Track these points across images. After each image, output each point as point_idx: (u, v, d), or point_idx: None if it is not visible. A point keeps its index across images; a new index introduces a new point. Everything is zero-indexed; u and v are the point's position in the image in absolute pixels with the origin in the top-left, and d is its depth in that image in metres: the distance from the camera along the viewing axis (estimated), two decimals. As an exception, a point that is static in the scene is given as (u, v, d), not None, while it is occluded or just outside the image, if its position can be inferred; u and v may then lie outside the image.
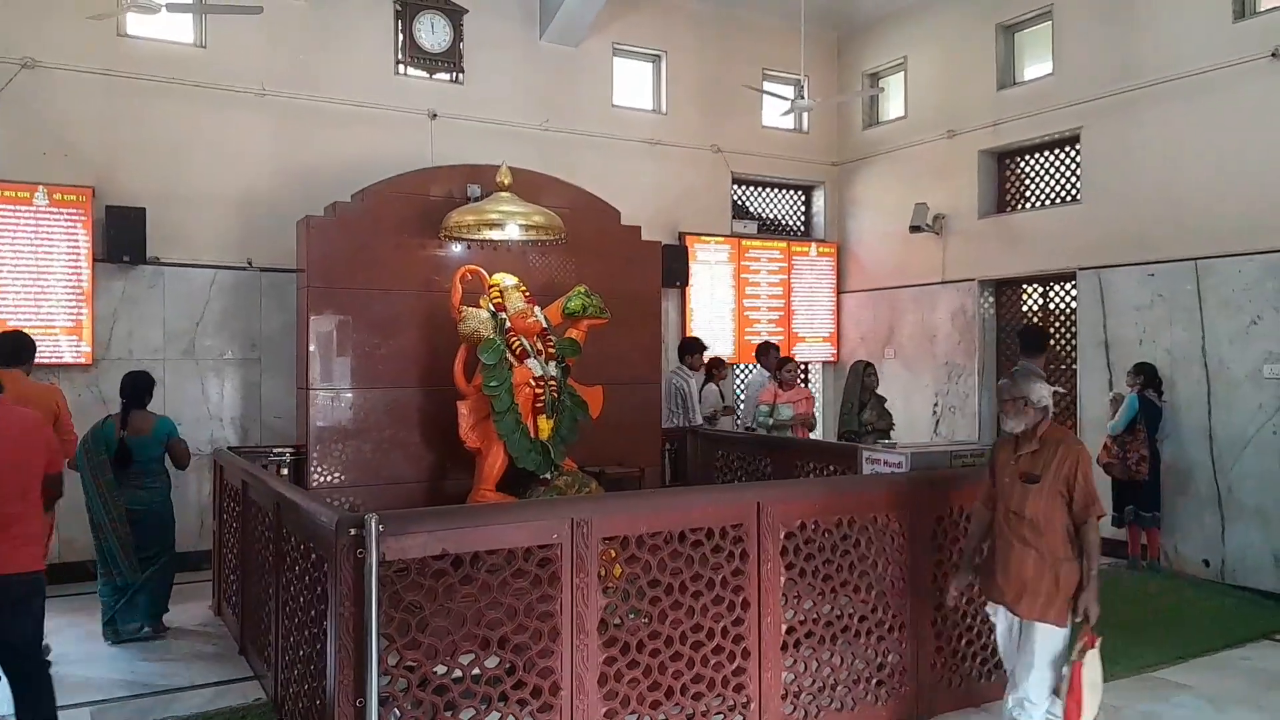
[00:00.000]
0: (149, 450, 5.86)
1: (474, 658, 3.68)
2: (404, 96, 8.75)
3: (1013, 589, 3.92)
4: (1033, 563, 3.88)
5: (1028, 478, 3.92)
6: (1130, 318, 8.09)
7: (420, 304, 6.91)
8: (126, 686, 5.05)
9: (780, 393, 7.98)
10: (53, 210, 7.33)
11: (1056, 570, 3.84)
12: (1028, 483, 3.92)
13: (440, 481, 6.89)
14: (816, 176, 11.29)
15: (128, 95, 7.67)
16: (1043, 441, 3.97)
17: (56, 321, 7.35)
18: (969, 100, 9.67)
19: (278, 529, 4.58)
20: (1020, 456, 3.99)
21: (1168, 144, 7.85)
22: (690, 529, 4.11)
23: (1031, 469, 3.93)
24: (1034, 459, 3.95)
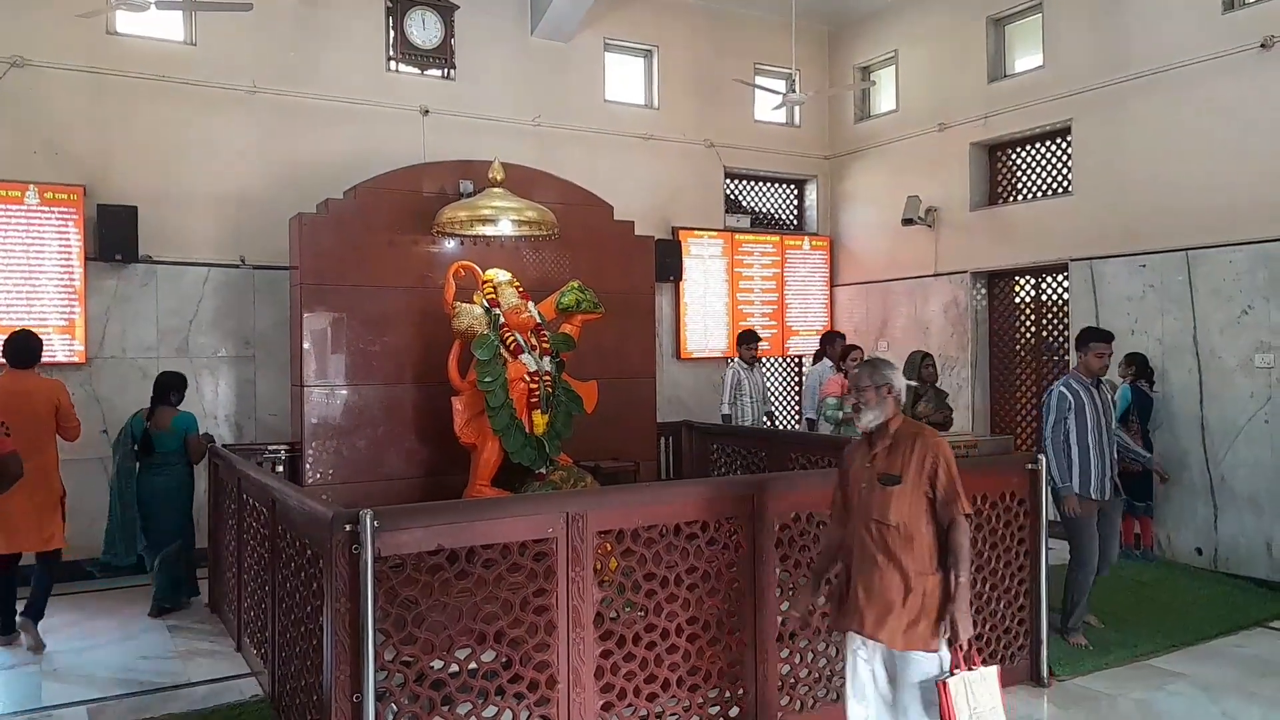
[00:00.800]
0: (167, 443, 6.45)
1: (470, 652, 3.69)
2: (395, 93, 8.73)
3: (874, 612, 3.38)
4: (898, 580, 3.37)
5: (886, 479, 3.43)
6: (1122, 308, 8.12)
7: (414, 300, 6.91)
8: (123, 684, 5.05)
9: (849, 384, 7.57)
10: (44, 209, 7.31)
11: (923, 586, 3.35)
12: (886, 484, 3.43)
13: (436, 477, 6.89)
14: (809, 170, 11.30)
15: (118, 94, 7.65)
16: (896, 438, 3.50)
17: (49, 321, 7.33)
18: (960, 93, 9.69)
19: (273, 526, 4.58)
20: (875, 456, 3.51)
21: (1158, 135, 7.88)
22: (685, 522, 4.13)
23: (889, 469, 3.45)
24: (889, 458, 3.47)
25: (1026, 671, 5.02)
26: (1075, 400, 5.54)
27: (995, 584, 4.93)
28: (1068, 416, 5.54)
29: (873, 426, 3.52)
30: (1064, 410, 5.55)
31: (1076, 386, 5.60)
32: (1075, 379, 5.64)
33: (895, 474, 3.43)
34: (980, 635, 4.87)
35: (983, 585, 4.89)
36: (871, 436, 3.55)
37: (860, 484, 3.54)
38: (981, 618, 4.88)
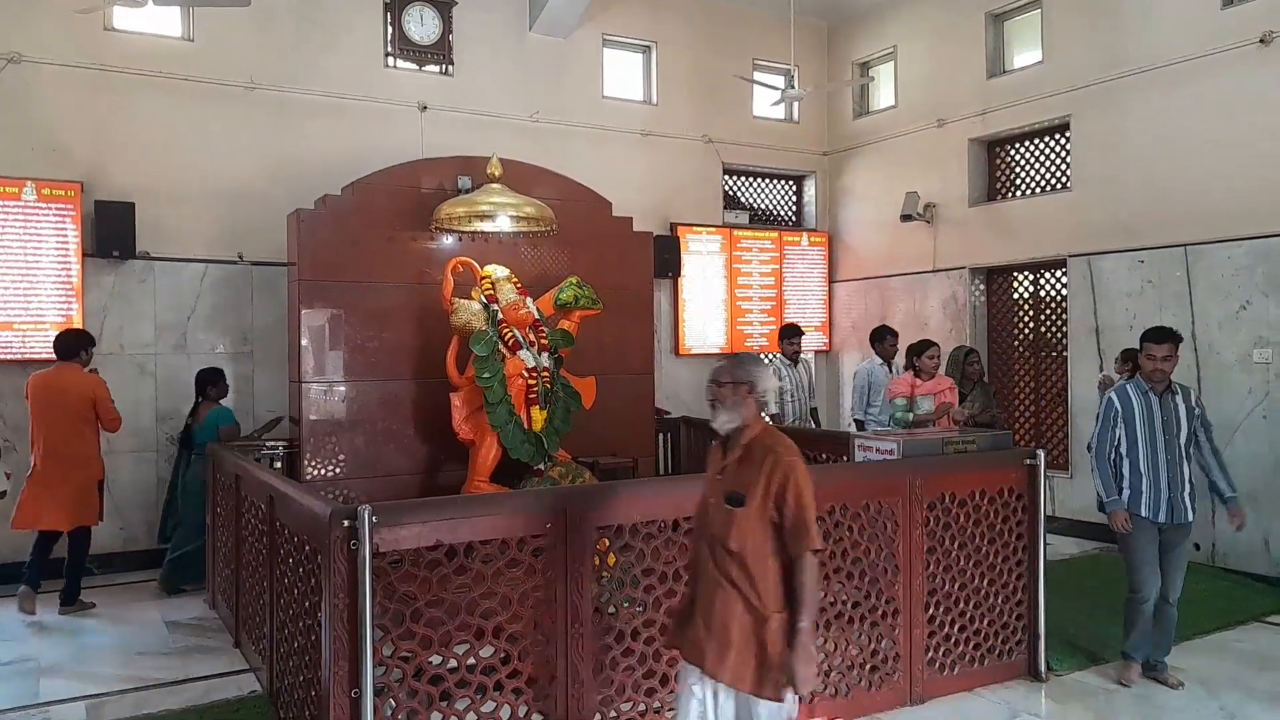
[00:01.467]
0: (202, 436, 6.98)
1: (469, 647, 3.69)
2: (394, 89, 8.72)
3: (714, 647, 2.97)
4: (739, 614, 2.96)
5: (731, 497, 3.03)
6: (1120, 304, 8.12)
7: (412, 296, 6.90)
8: (122, 680, 5.05)
9: (918, 383, 6.61)
10: (41, 205, 7.30)
11: (769, 626, 2.94)
12: (730, 504, 3.02)
13: (434, 473, 6.89)
14: (807, 166, 11.30)
15: (115, 90, 7.64)
16: (748, 449, 3.08)
17: (47, 317, 7.32)
18: (959, 89, 9.68)
19: (271, 522, 4.58)
20: (725, 468, 3.12)
21: (1157, 131, 7.88)
22: (684, 517, 4.12)
23: (735, 486, 3.04)
24: (739, 472, 3.06)
25: (1024, 666, 5.03)
26: (1126, 408, 4.92)
27: (993, 579, 4.94)
28: (1115, 426, 4.94)
29: (727, 430, 3.14)
30: (1111, 418, 4.96)
31: (1132, 393, 4.95)
32: (1135, 385, 4.99)
33: (740, 493, 3.01)
34: (978, 631, 4.89)
35: (981, 581, 4.90)
36: (727, 443, 3.17)
37: (709, 496, 3.15)
38: (980, 613, 4.89)
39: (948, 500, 4.80)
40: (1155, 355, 4.85)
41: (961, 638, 4.85)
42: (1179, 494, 4.82)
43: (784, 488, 2.95)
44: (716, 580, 3.03)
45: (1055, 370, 9.10)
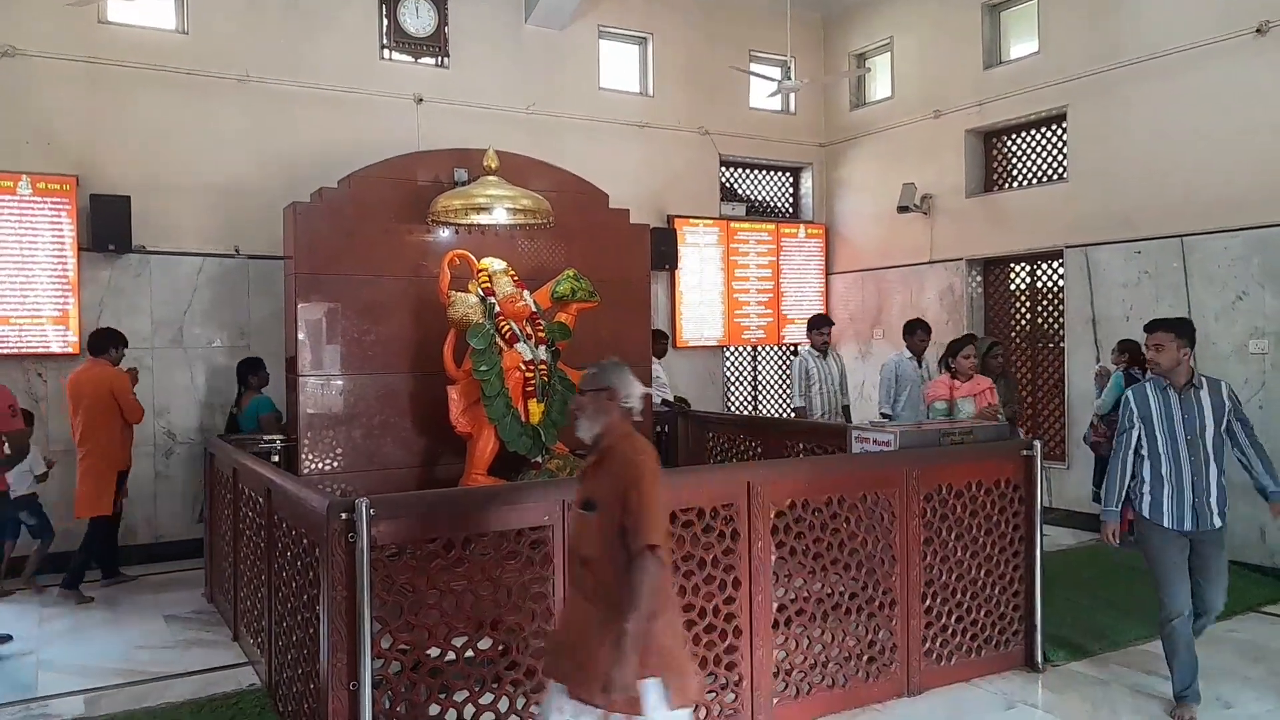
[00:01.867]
0: (246, 424, 7.33)
1: (467, 640, 3.70)
2: (389, 81, 8.70)
3: (572, 662, 2.88)
4: (594, 624, 2.85)
5: (585, 504, 3.00)
6: (1117, 295, 8.13)
7: (409, 289, 6.89)
8: (120, 674, 5.05)
9: (957, 384, 6.17)
10: (36, 199, 7.28)
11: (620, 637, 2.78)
12: (584, 509, 2.99)
13: (432, 467, 6.89)
14: (804, 158, 11.28)
15: (109, 83, 7.61)
16: (605, 455, 3.01)
17: (43, 311, 7.31)
18: (955, 80, 9.67)
19: (269, 515, 4.58)
20: (584, 474, 3.09)
21: (1153, 121, 7.88)
22: (681, 509, 4.13)
23: (590, 492, 3.00)
24: (594, 478, 3.01)
25: (1021, 657, 5.05)
26: (1143, 407, 4.47)
27: (990, 570, 4.95)
28: (1132, 428, 4.50)
29: (590, 439, 3.06)
30: (1127, 419, 4.53)
31: (1150, 390, 4.48)
32: (1154, 381, 4.51)
33: (593, 499, 2.95)
34: (975, 622, 4.90)
35: (977, 572, 4.91)
36: (589, 451, 3.11)
37: (574, 505, 3.08)
38: (976, 603, 4.91)
39: (944, 491, 4.81)
40: (1148, 345, 4.49)
41: (958, 628, 4.87)
42: (1204, 499, 4.36)
43: (628, 488, 2.85)
44: (575, 591, 3.00)
45: (1052, 361, 9.12)
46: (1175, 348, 4.37)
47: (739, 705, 4.22)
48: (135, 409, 6.91)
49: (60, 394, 7.07)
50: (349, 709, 3.41)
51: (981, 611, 4.93)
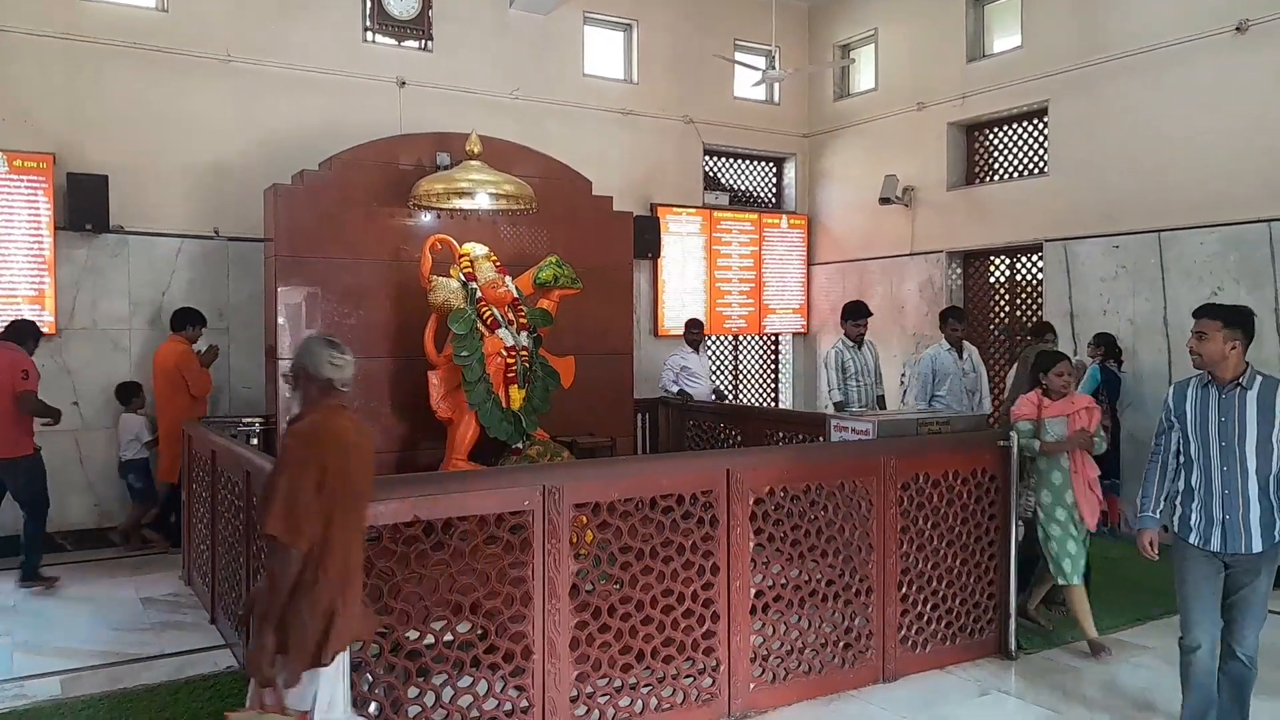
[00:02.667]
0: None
1: (446, 623, 3.71)
2: (372, 64, 8.64)
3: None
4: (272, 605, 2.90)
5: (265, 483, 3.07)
6: (1095, 289, 8.21)
7: (390, 273, 6.87)
8: (97, 656, 5.03)
9: (1047, 403, 5.26)
10: (12, 177, 7.19)
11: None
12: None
13: (412, 452, 6.88)
14: (787, 148, 11.30)
15: (88, 61, 7.52)
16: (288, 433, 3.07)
17: (18, 290, 7.23)
18: (939, 72, 9.71)
19: (248, 498, 4.57)
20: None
21: (1134, 116, 7.95)
22: (661, 495, 4.15)
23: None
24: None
25: (994, 645, 5.11)
26: (1178, 405, 3.87)
27: (965, 559, 5.01)
28: (1171, 429, 3.90)
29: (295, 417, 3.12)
30: (1165, 417, 3.94)
31: (1191, 387, 3.88)
32: (1199, 376, 3.89)
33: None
34: (950, 610, 4.96)
35: (953, 560, 4.96)
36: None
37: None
38: (952, 592, 4.96)
39: (922, 480, 4.85)
40: (1191, 333, 3.86)
41: (934, 616, 4.92)
42: (1237, 515, 3.69)
43: (272, 470, 2.87)
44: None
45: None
46: (1221, 339, 3.73)
47: (716, 690, 4.25)
48: (200, 383, 7.32)
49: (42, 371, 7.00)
50: (327, 691, 3.41)
51: (956, 600, 4.98)
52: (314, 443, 2.93)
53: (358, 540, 3.11)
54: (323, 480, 2.88)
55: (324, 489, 2.88)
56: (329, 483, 2.89)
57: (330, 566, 2.91)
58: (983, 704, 4.51)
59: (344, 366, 3.06)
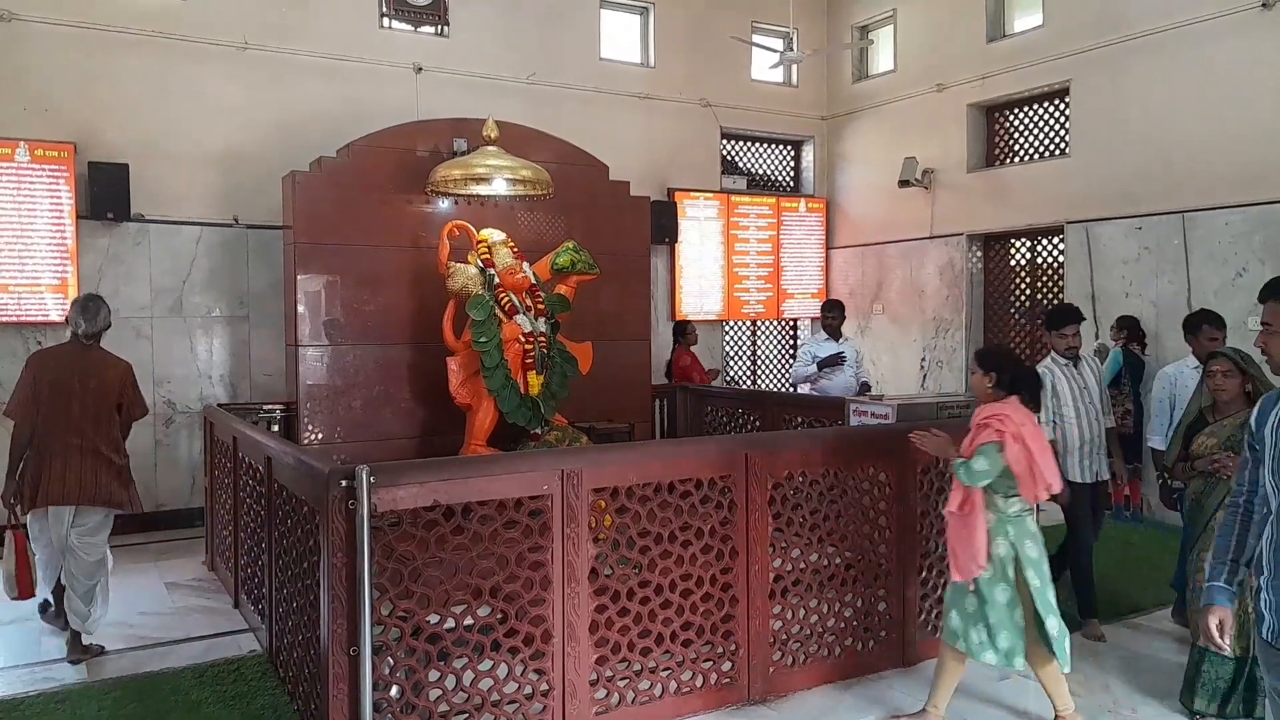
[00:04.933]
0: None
1: (466, 607, 3.73)
2: (388, 50, 8.64)
3: None
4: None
5: None
6: (1117, 271, 8.13)
7: (408, 260, 6.89)
8: (122, 639, 5.09)
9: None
10: (34, 167, 7.24)
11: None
12: None
13: (431, 437, 6.91)
14: (805, 131, 11.23)
15: (107, 49, 7.55)
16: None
17: (42, 279, 7.30)
18: (958, 53, 9.61)
19: (269, 483, 4.60)
20: None
21: (1157, 96, 7.84)
22: (679, 480, 4.15)
23: None
24: None
25: (1015, 628, 5.08)
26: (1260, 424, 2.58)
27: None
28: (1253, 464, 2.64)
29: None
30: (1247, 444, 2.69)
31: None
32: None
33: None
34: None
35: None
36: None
37: None
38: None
39: (940, 464, 4.82)
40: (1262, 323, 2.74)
41: (953, 600, 4.89)
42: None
43: None
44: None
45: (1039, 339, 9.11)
46: None
47: (735, 674, 4.26)
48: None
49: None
50: (349, 674, 3.44)
51: (976, 584, 4.96)
52: (31, 362, 4.97)
53: (60, 426, 4.80)
54: (32, 383, 4.82)
55: (34, 389, 4.80)
56: (38, 386, 4.81)
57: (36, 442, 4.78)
58: (1003, 688, 4.49)
59: (76, 325, 4.96)
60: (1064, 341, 5.19)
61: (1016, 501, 3.83)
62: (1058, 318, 5.24)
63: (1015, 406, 3.86)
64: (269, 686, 4.42)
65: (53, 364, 4.91)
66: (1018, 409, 3.85)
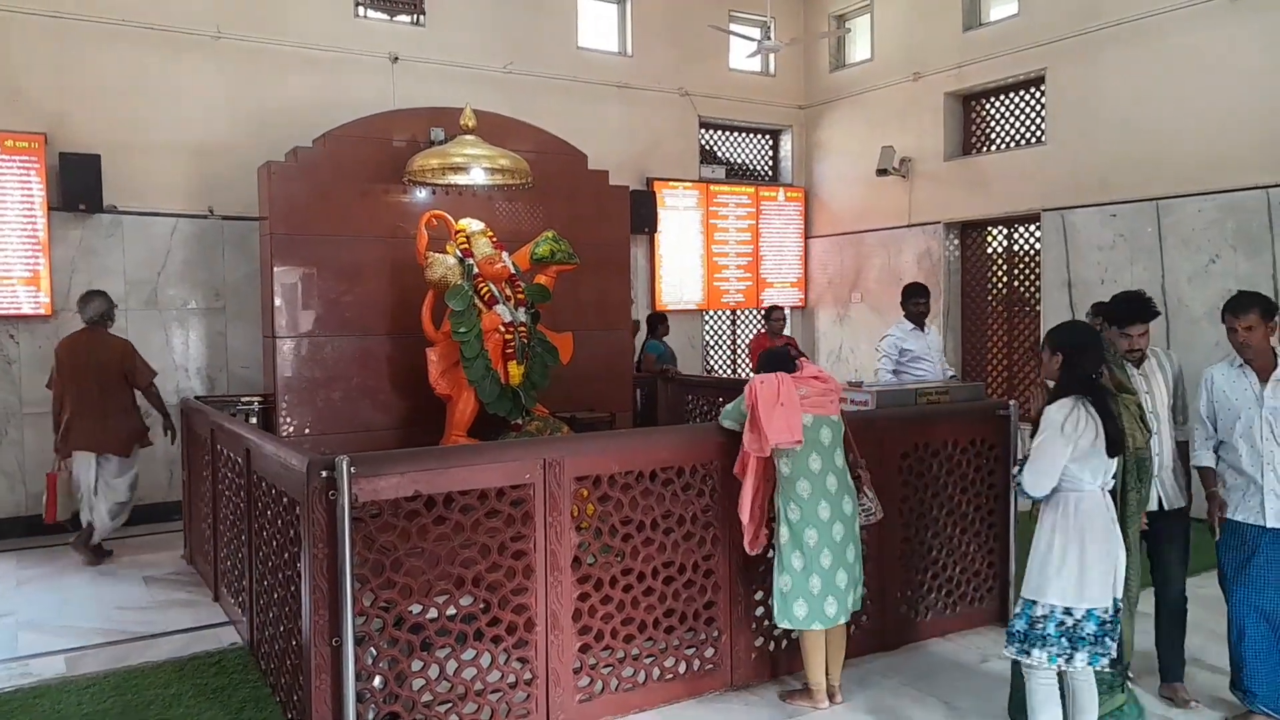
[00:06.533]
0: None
1: (449, 596, 3.72)
2: (364, 39, 8.57)
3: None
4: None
5: None
6: (1093, 258, 8.20)
7: (385, 250, 6.84)
8: (101, 634, 5.06)
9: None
10: (4, 158, 7.14)
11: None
12: None
13: (411, 428, 6.88)
14: (784, 120, 11.24)
15: (78, 38, 7.45)
16: None
17: (14, 272, 7.21)
18: (935, 42, 9.64)
19: (249, 475, 4.57)
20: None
21: (1131, 84, 7.90)
22: (661, 468, 4.16)
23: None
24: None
25: (995, 613, 5.14)
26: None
27: (965, 527, 5.03)
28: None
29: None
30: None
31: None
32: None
33: None
34: (950, 578, 4.99)
35: (953, 529, 4.98)
36: None
37: None
38: (952, 560, 4.99)
39: (921, 450, 4.86)
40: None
41: (934, 585, 4.94)
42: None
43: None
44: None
45: (1028, 324, 9.20)
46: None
47: (718, 659, 4.29)
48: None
49: (34, 355, 7.00)
50: (331, 665, 3.43)
51: (957, 569, 5.01)
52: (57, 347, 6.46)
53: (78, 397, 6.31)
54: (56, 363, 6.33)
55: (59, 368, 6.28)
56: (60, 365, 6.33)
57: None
58: (984, 671, 4.54)
59: (79, 313, 6.45)
60: (1126, 342, 4.17)
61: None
62: (1125, 313, 4.20)
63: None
64: (250, 679, 4.40)
65: (68, 346, 6.49)
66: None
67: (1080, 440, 3.32)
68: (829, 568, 3.99)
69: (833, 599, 4.00)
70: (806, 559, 3.98)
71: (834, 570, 4.00)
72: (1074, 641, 3.34)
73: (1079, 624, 3.32)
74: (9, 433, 7.27)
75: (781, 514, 4.05)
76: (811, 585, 3.98)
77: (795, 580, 3.99)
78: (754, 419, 3.98)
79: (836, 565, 4.01)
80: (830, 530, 4.01)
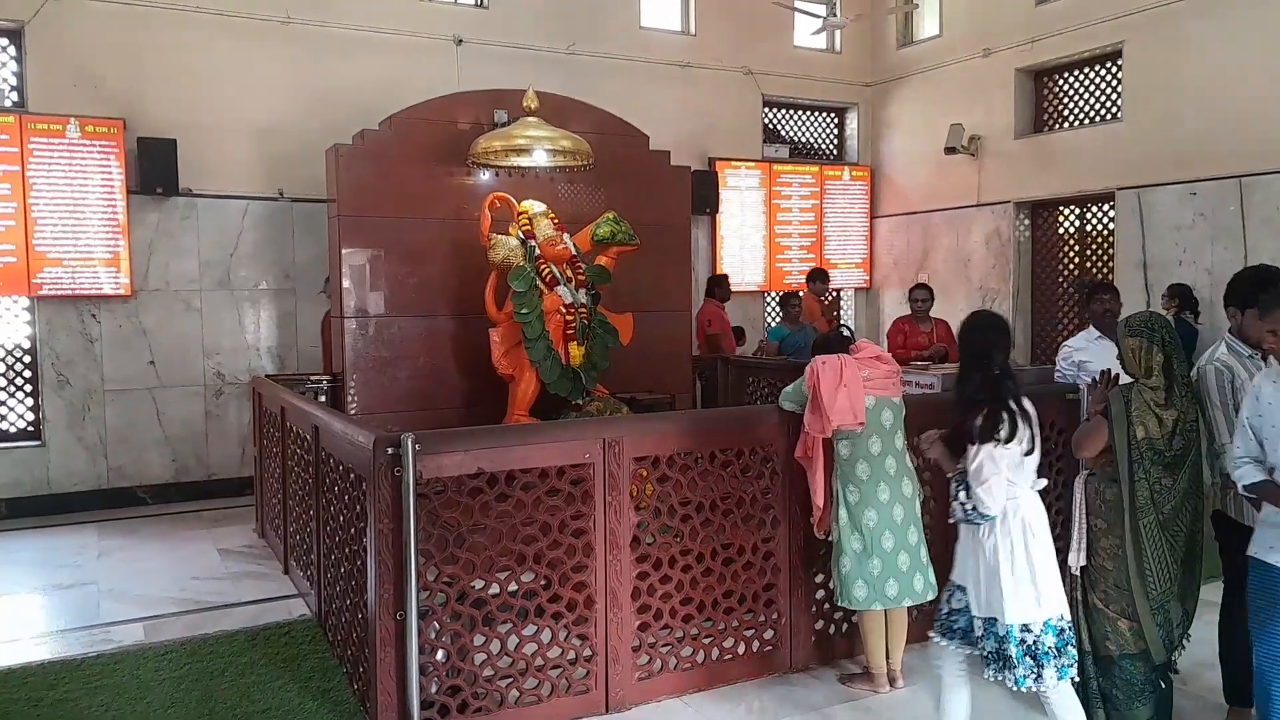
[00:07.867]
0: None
1: (510, 573, 3.77)
2: (428, 22, 8.65)
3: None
4: None
5: None
6: (1170, 238, 7.94)
7: (450, 231, 6.90)
8: (177, 603, 5.24)
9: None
10: (85, 143, 7.38)
11: None
12: None
13: (474, 408, 6.96)
14: (849, 98, 11.07)
15: (153, 26, 7.65)
16: None
17: (95, 253, 7.45)
18: (1006, 16, 9.39)
19: (317, 452, 4.67)
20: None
21: (1212, 57, 7.60)
22: (720, 449, 4.15)
23: None
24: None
25: (1061, 600, 5.03)
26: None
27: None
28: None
29: None
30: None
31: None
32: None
33: None
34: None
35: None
36: None
37: None
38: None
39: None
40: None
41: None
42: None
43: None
44: None
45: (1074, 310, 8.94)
46: None
47: (777, 642, 4.28)
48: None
49: (114, 334, 7.25)
50: (396, 638, 3.51)
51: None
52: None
53: None
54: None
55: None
56: None
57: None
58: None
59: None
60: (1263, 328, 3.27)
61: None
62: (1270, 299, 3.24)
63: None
64: (318, 650, 4.52)
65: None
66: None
67: (1018, 446, 3.26)
68: (890, 550, 3.95)
69: (894, 581, 3.96)
70: (866, 541, 3.95)
71: (896, 552, 3.96)
72: (1037, 658, 3.15)
73: (1038, 639, 3.16)
74: (90, 409, 7.54)
75: (840, 496, 4.02)
76: (871, 567, 3.94)
77: (854, 562, 3.97)
78: (815, 400, 3.96)
79: (899, 548, 3.97)
80: (890, 512, 3.97)
